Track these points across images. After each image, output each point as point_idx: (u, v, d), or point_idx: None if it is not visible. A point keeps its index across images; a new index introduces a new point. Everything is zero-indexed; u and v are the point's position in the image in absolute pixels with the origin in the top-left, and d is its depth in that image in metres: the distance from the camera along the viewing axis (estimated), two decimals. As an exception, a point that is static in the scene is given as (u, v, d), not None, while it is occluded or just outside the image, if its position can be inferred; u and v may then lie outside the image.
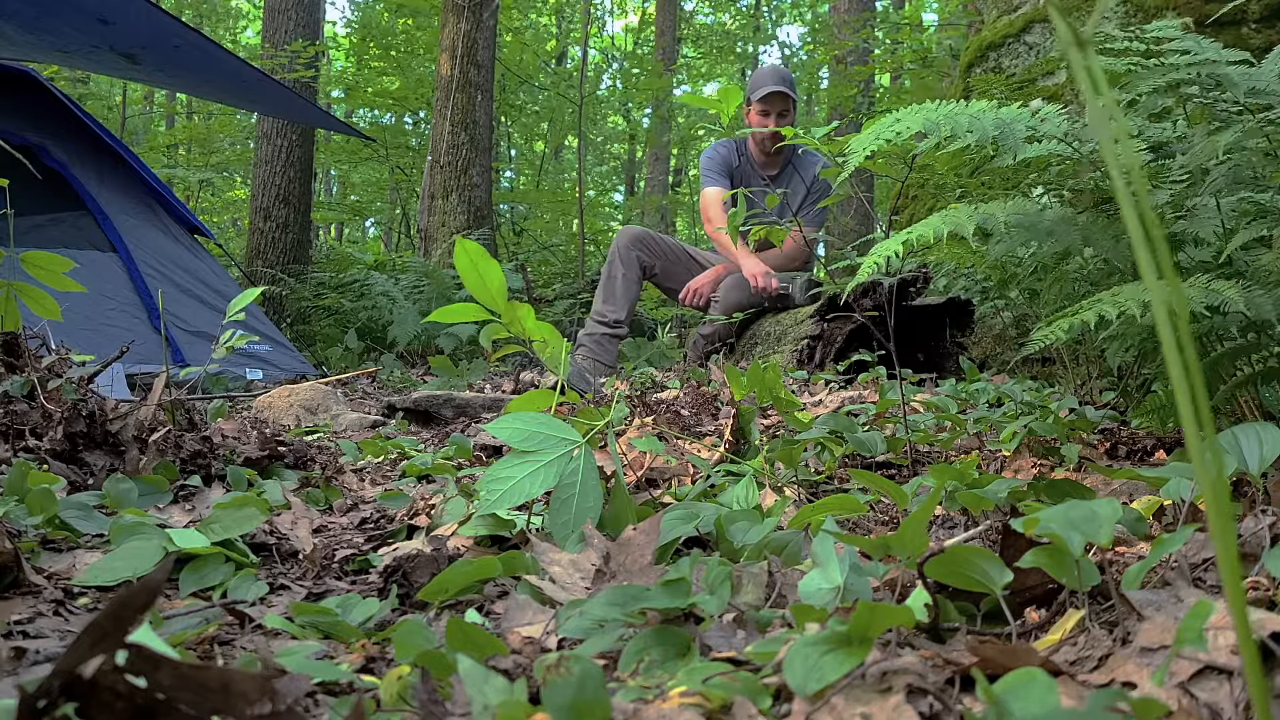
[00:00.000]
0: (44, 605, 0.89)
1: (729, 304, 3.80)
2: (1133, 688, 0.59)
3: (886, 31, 9.94)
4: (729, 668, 0.65)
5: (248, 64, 4.59)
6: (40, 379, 1.66)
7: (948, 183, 1.61)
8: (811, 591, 0.78)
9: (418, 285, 6.57)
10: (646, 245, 4.19)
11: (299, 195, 7.82)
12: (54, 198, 4.28)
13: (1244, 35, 3.00)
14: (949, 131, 1.17)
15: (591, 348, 4.04)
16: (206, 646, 0.80)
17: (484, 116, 7.65)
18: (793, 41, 24.06)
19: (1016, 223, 1.29)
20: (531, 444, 1.14)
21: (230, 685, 0.49)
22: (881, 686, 0.58)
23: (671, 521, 1.03)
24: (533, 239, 11.30)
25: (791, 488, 1.36)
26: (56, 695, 0.48)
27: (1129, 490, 1.22)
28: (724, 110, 1.83)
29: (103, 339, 3.61)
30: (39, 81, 4.41)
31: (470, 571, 0.93)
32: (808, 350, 3.26)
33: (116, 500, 1.28)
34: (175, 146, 13.42)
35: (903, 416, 1.60)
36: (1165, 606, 0.66)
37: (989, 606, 0.76)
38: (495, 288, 1.24)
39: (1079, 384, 2.19)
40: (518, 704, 0.59)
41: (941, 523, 1.20)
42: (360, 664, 0.78)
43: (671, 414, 1.98)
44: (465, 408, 2.65)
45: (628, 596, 0.77)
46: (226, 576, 1.02)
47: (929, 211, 1.69)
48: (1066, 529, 0.72)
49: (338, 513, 1.45)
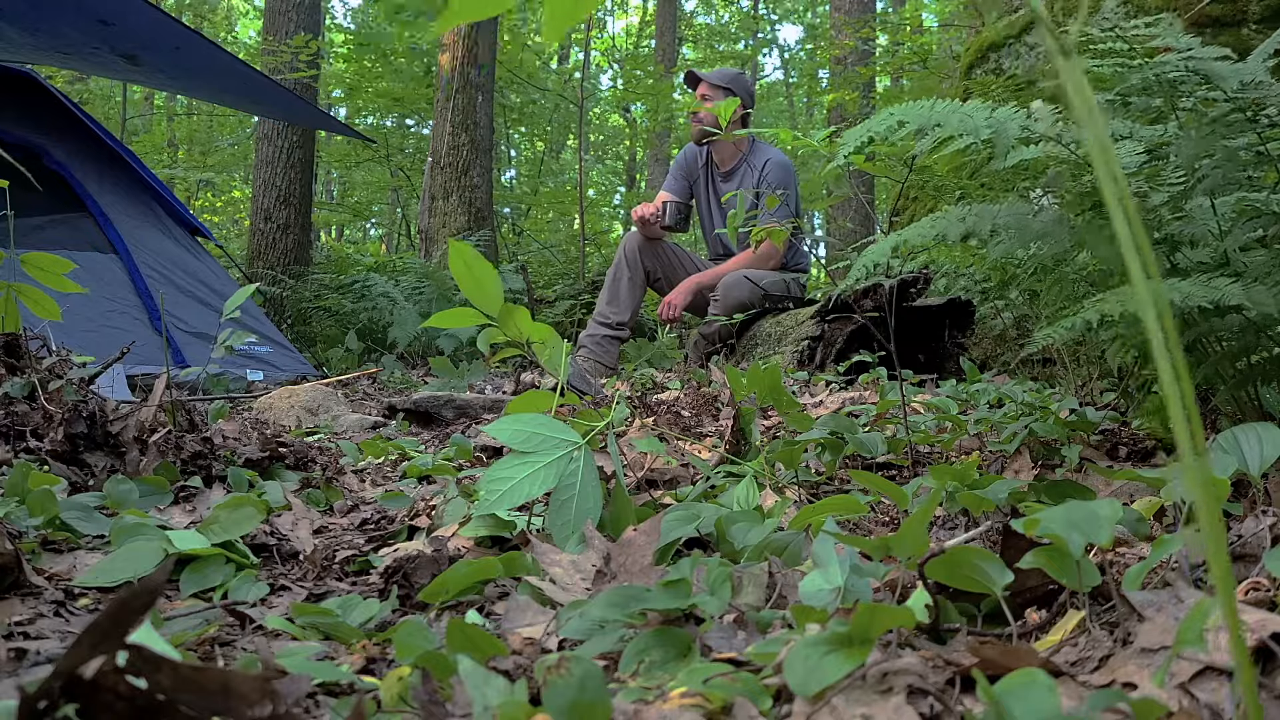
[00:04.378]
0: (45, 606, 0.89)
1: (729, 304, 3.79)
2: (1133, 688, 0.59)
3: (888, 33, 9.94)
4: (729, 669, 0.65)
5: (248, 66, 4.59)
6: (41, 380, 1.66)
7: (947, 184, 1.61)
8: (812, 592, 0.78)
9: (418, 286, 6.57)
10: (653, 251, 4.19)
11: (300, 196, 7.82)
12: (54, 199, 4.28)
13: (1244, 36, 3.00)
14: (943, 130, 1.17)
15: (592, 349, 4.04)
16: (207, 647, 0.80)
17: (484, 117, 7.65)
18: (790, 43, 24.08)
19: (1008, 225, 1.29)
20: (531, 445, 1.14)
21: (230, 686, 0.49)
22: (882, 687, 0.58)
23: (672, 522, 1.03)
24: (533, 240, 11.30)
25: (792, 488, 1.36)
26: (57, 696, 0.48)
27: (1129, 491, 1.22)
28: (722, 112, 1.83)
29: (103, 340, 3.61)
30: (39, 83, 4.41)
31: (471, 572, 0.93)
32: (808, 351, 3.26)
33: (117, 501, 1.28)
34: (175, 147, 13.43)
35: (903, 417, 1.60)
36: (1166, 607, 0.66)
37: (989, 607, 0.76)
38: (491, 291, 1.23)
39: (1080, 385, 2.19)
40: (518, 705, 0.59)
41: (942, 523, 1.20)
42: (361, 665, 0.78)
43: (672, 415, 1.98)
44: (466, 409, 2.65)
45: (628, 597, 0.77)
46: (227, 577, 1.02)
47: (929, 213, 1.69)
48: (1067, 530, 0.72)
49: (338, 514, 1.45)
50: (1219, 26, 2.97)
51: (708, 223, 4.36)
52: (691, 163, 4.30)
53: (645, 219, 4.08)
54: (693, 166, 4.29)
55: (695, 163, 4.29)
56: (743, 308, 3.77)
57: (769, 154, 4.12)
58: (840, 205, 9.14)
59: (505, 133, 13.23)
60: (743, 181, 4.13)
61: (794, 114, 17.99)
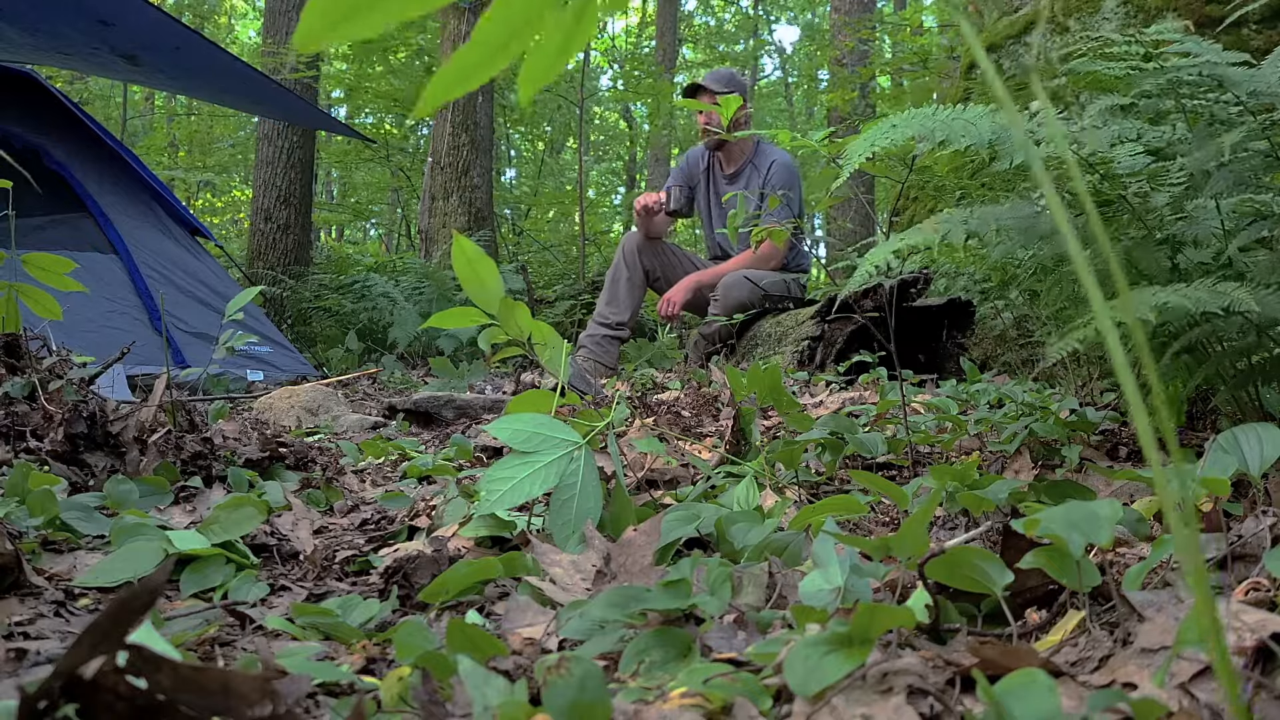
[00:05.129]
0: (45, 606, 0.89)
1: (729, 304, 3.79)
2: (1133, 688, 0.59)
3: (889, 34, 9.94)
4: (729, 669, 0.65)
5: (249, 66, 4.59)
6: (41, 380, 1.66)
7: (948, 184, 1.60)
8: (812, 592, 0.78)
9: (418, 286, 6.57)
10: (653, 251, 4.19)
11: (300, 196, 7.82)
12: (54, 199, 4.28)
13: (1244, 36, 3.00)
14: (944, 137, 1.17)
15: (592, 349, 4.04)
16: (207, 647, 0.80)
17: (484, 118, 7.65)
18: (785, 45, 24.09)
19: (1011, 227, 1.28)
20: (532, 445, 1.14)
21: (230, 686, 0.49)
22: (882, 687, 0.58)
23: (672, 522, 1.03)
24: (533, 240, 11.30)
25: (792, 489, 1.36)
26: (57, 696, 0.48)
27: (1130, 491, 1.22)
28: (723, 112, 1.83)
29: (103, 340, 3.61)
30: (39, 83, 4.41)
31: (471, 572, 0.93)
32: (808, 351, 3.25)
33: (117, 501, 1.28)
34: (176, 147, 13.42)
35: (903, 417, 1.60)
36: (1166, 607, 0.66)
37: (990, 607, 0.76)
38: (492, 285, 1.24)
39: (1080, 385, 2.19)
40: (518, 705, 0.59)
41: (942, 524, 1.20)
42: (361, 665, 0.78)
43: (672, 415, 1.98)
44: (466, 409, 2.65)
45: (628, 597, 0.77)
46: (227, 578, 1.02)
47: (929, 213, 1.69)
48: (1067, 530, 0.72)
49: (338, 514, 1.45)
50: (1219, 26, 2.97)
51: (708, 225, 4.37)
52: (694, 165, 4.30)
53: (648, 207, 4.08)
54: (694, 169, 4.30)
55: (697, 166, 4.29)
56: (743, 308, 3.77)
57: (774, 155, 4.13)
58: (840, 205, 9.14)
59: (505, 133, 13.23)
60: (748, 182, 4.13)
61: (793, 114, 18.00)
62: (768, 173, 4.09)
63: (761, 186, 4.06)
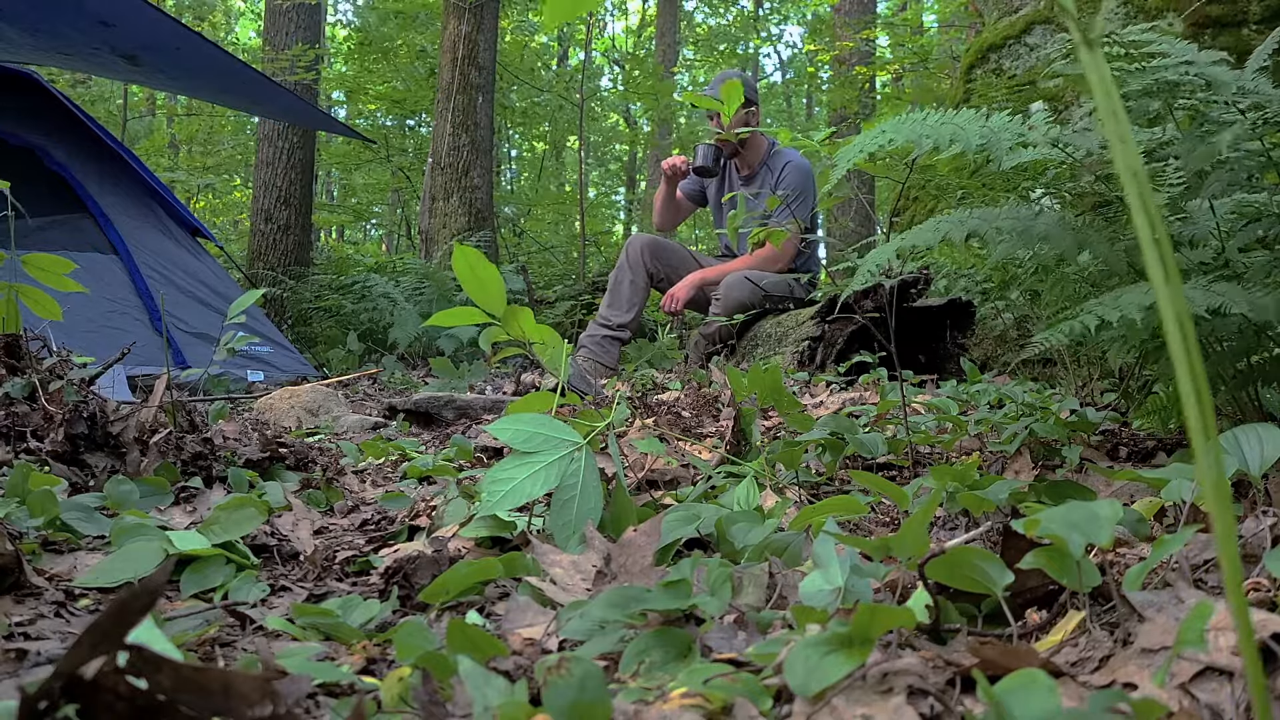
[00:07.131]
0: (45, 607, 0.89)
1: (730, 304, 3.79)
2: (1134, 689, 0.59)
3: (891, 35, 9.94)
4: (730, 669, 0.65)
5: (249, 66, 4.59)
6: (41, 381, 1.66)
7: (949, 184, 1.61)
8: (812, 593, 0.78)
9: (419, 287, 6.57)
10: (656, 253, 4.19)
11: (300, 197, 7.83)
12: (55, 200, 4.28)
13: (1245, 37, 3.00)
14: (933, 144, 1.17)
15: (593, 349, 4.04)
16: (207, 648, 0.80)
17: (485, 118, 7.65)
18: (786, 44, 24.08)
19: (1010, 228, 1.29)
20: (533, 445, 1.15)
21: (231, 686, 0.49)
22: (882, 687, 0.58)
23: (672, 523, 1.03)
24: (534, 240, 11.30)
25: (792, 489, 1.36)
26: (58, 696, 0.48)
27: (1130, 491, 1.22)
28: (725, 110, 1.84)
29: (104, 341, 3.61)
30: (40, 83, 4.41)
31: (471, 573, 0.93)
32: (809, 351, 3.26)
33: (117, 502, 1.28)
34: (176, 148, 13.42)
35: (904, 418, 1.60)
36: (1166, 608, 0.66)
37: (990, 608, 0.76)
38: (494, 292, 1.24)
39: (1080, 385, 2.19)
40: (518, 705, 0.59)
41: (942, 524, 1.20)
42: (361, 665, 0.78)
43: (672, 415, 1.98)
44: (466, 409, 2.65)
45: (628, 598, 0.77)
46: (228, 578, 1.02)
47: (930, 213, 1.69)
48: (1067, 530, 0.72)
49: (339, 514, 1.45)
50: (1219, 27, 2.97)
51: (720, 225, 4.36)
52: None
53: (675, 166, 4.08)
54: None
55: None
56: (743, 308, 3.77)
57: (789, 157, 4.12)
58: (840, 205, 9.14)
59: (506, 133, 13.24)
60: (762, 185, 4.13)
61: (792, 114, 18.00)
62: (781, 174, 4.09)
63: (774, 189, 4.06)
